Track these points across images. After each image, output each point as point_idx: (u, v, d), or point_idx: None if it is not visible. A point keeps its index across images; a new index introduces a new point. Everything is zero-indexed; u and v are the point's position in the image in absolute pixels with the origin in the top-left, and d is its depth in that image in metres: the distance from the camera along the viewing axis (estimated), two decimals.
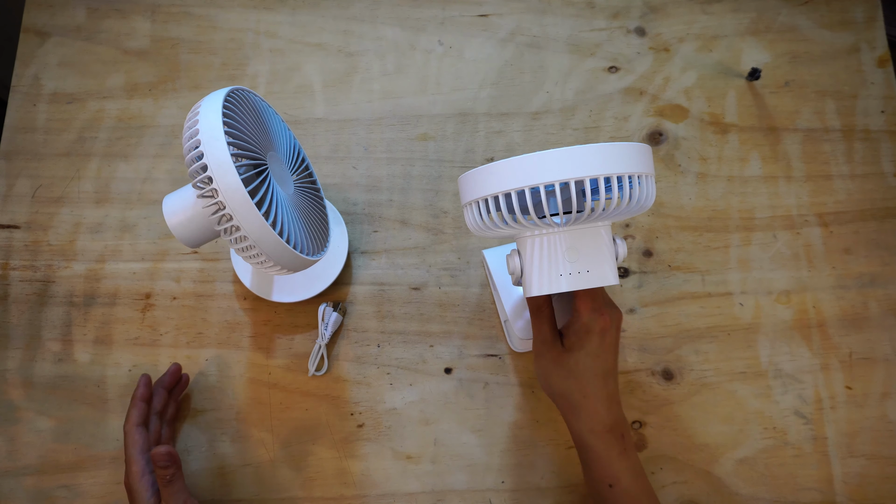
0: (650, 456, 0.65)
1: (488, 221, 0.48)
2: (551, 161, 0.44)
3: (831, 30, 0.79)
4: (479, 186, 0.47)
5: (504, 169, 0.45)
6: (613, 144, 0.45)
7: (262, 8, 0.80)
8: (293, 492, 0.64)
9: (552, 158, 0.44)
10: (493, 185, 0.46)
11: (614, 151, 0.44)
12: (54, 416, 0.66)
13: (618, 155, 0.45)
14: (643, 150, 0.47)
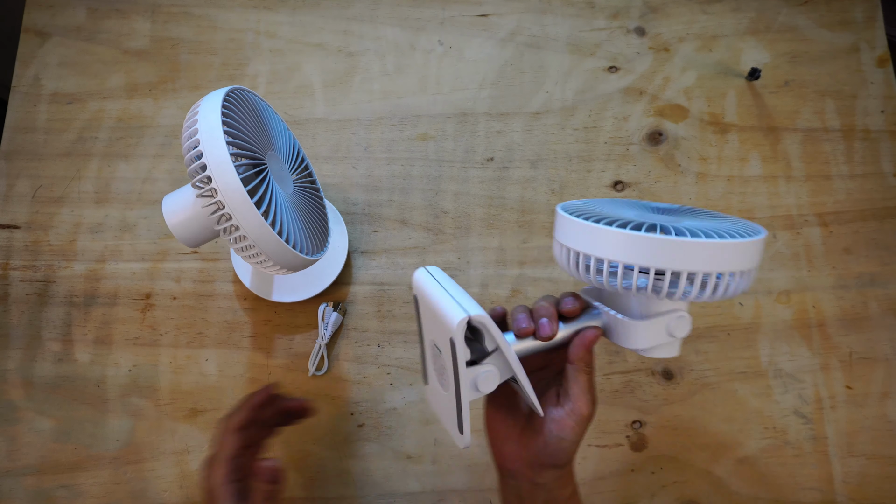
0: (650, 456, 0.65)
1: (580, 272, 0.46)
2: (651, 245, 0.41)
3: (831, 29, 0.79)
4: (574, 238, 0.45)
5: (600, 236, 0.43)
6: (722, 244, 0.41)
7: (262, 8, 0.80)
8: (293, 492, 0.64)
9: (654, 245, 0.41)
10: (587, 244, 0.44)
11: (720, 250, 0.41)
12: (54, 416, 0.66)
13: (724, 252, 0.41)
14: (753, 248, 0.43)
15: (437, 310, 0.43)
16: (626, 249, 0.42)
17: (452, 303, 0.43)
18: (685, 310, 0.46)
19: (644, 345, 0.46)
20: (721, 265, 0.41)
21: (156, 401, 0.67)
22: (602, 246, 0.43)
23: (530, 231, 0.72)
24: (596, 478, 0.65)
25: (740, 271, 0.42)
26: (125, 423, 0.66)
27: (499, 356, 0.45)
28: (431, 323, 0.46)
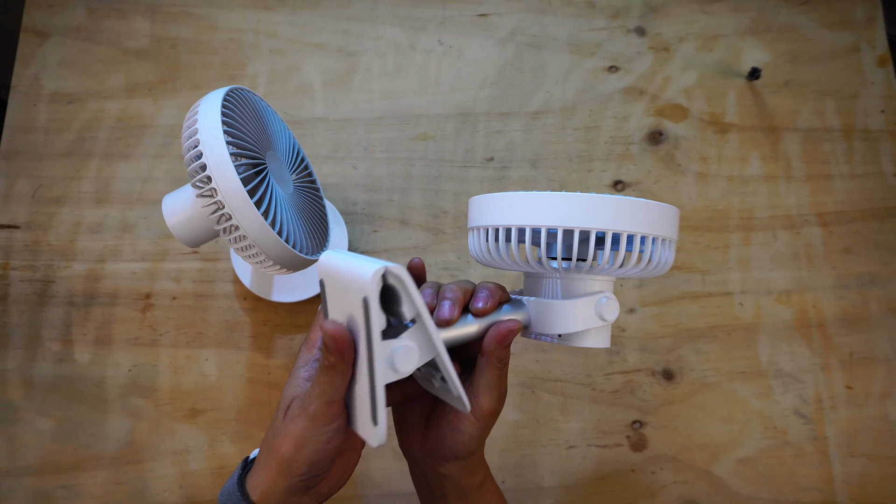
0: (650, 456, 0.65)
1: (492, 251, 0.45)
2: (565, 204, 0.41)
3: (831, 29, 0.79)
4: (488, 214, 0.44)
5: (515, 202, 0.43)
6: (636, 201, 0.41)
7: (262, 8, 0.80)
8: None
9: (567, 202, 0.41)
10: (502, 216, 0.43)
11: (634, 208, 0.41)
12: (54, 417, 0.66)
13: (638, 212, 0.41)
14: (668, 212, 0.43)
15: (348, 274, 0.38)
16: (538, 211, 0.41)
17: (365, 261, 0.38)
18: (611, 290, 0.45)
19: (573, 327, 0.44)
20: (633, 224, 0.41)
21: (155, 401, 0.67)
22: (515, 213, 0.42)
23: None
24: (596, 478, 0.65)
25: (656, 236, 0.42)
26: (125, 423, 0.66)
27: (419, 331, 0.39)
28: (342, 296, 0.40)
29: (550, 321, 0.44)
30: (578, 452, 0.66)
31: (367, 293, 0.36)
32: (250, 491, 0.42)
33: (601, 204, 0.41)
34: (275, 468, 0.41)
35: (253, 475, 0.43)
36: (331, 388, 0.39)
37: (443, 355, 0.40)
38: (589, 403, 0.67)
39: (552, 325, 0.44)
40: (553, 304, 0.44)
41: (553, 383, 0.67)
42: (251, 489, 0.42)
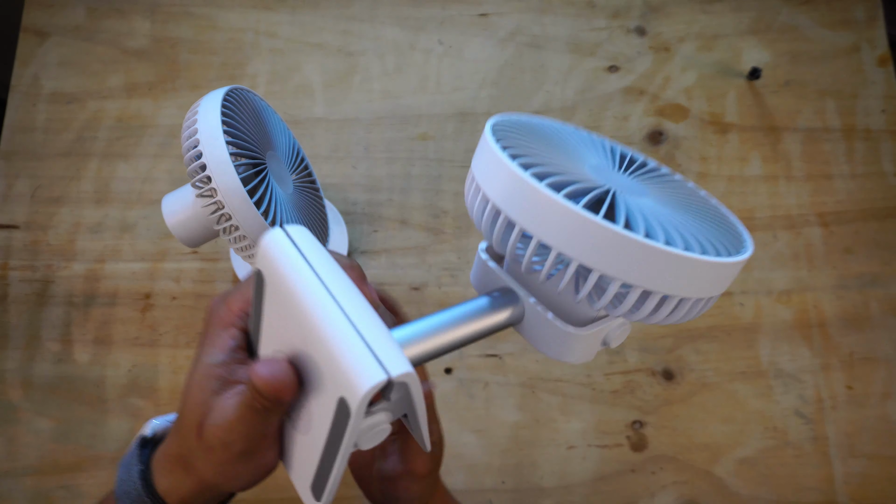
0: (650, 456, 0.65)
1: (496, 238, 0.33)
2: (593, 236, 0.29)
3: (832, 29, 0.79)
4: (506, 194, 0.31)
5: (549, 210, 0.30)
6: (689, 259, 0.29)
7: (261, 8, 0.80)
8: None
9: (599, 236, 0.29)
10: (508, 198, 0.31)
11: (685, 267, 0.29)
12: (53, 417, 0.66)
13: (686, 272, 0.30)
14: (729, 270, 0.31)
15: (323, 341, 0.28)
16: (565, 233, 0.29)
17: (355, 339, 0.27)
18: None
19: (574, 359, 0.36)
20: (692, 288, 0.30)
21: (155, 401, 0.67)
22: (534, 215, 0.30)
23: None
24: (596, 478, 0.65)
25: (710, 297, 0.32)
26: (125, 423, 0.66)
27: (401, 400, 0.31)
28: (293, 326, 0.29)
29: (548, 344, 0.36)
30: (578, 453, 0.65)
31: (351, 405, 0.27)
32: (164, 494, 0.33)
33: (656, 259, 0.29)
34: (196, 484, 0.33)
35: (164, 476, 0.34)
36: (264, 426, 0.31)
37: (420, 416, 0.32)
38: (589, 403, 0.67)
39: (549, 348, 0.36)
40: (559, 329, 0.35)
41: (553, 383, 0.67)
42: (165, 493, 0.34)
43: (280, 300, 0.30)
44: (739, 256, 0.31)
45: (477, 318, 0.35)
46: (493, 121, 0.35)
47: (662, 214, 0.32)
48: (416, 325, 0.34)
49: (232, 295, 0.33)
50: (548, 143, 0.36)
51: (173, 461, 0.33)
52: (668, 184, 0.38)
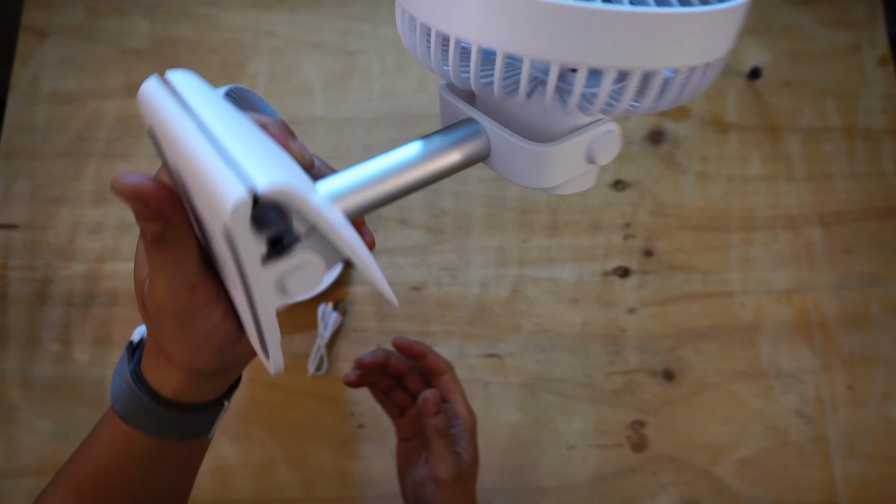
0: (651, 456, 0.65)
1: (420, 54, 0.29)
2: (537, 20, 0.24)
3: (832, 29, 0.79)
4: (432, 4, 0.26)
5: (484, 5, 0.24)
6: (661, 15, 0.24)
7: (261, 7, 0.80)
8: (293, 492, 0.64)
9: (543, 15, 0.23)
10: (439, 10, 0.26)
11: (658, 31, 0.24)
12: (53, 417, 0.66)
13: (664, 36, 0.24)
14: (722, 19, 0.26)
15: (196, 170, 0.24)
16: (501, 27, 0.24)
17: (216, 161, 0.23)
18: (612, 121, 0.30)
19: (551, 182, 0.30)
20: (676, 55, 0.25)
21: None
22: (463, 16, 0.25)
23: (530, 231, 0.72)
24: (596, 478, 0.65)
25: (706, 63, 0.26)
26: None
27: (318, 240, 0.27)
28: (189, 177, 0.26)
29: (522, 169, 0.30)
30: (579, 453, 0.65)
31: (229, 226, 0.23)
32: (157, 387, 0.32)
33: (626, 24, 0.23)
34: (179, 369, 0.32)
35: (151, 371, 0.33)
36: (178, 269, 0.29)
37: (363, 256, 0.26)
38: (589, 404, 0.67)
39: (523, 174, 0.30)
40: (528, 150, 0.29)
41: (553, 383, 0.67)
42: (157, 386, 0.32)
43: (169, 148, 0.27)
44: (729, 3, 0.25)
45: (429, 159, 0.30)
46: None
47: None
48: (356, 171, 0.29)
49: (158, 173, 0.31)
50: None
51: (153, 355, 0.32)
52: None
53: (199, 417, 0.34)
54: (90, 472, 0.35)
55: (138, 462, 0.34)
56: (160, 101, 0.26)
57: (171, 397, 0.32)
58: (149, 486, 0.35)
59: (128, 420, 0.33)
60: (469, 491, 0.49)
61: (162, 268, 0.28)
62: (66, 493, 0.35)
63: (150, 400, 0.32)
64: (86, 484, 0.35)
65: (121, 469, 0.34)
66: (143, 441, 0.33)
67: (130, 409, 0.33)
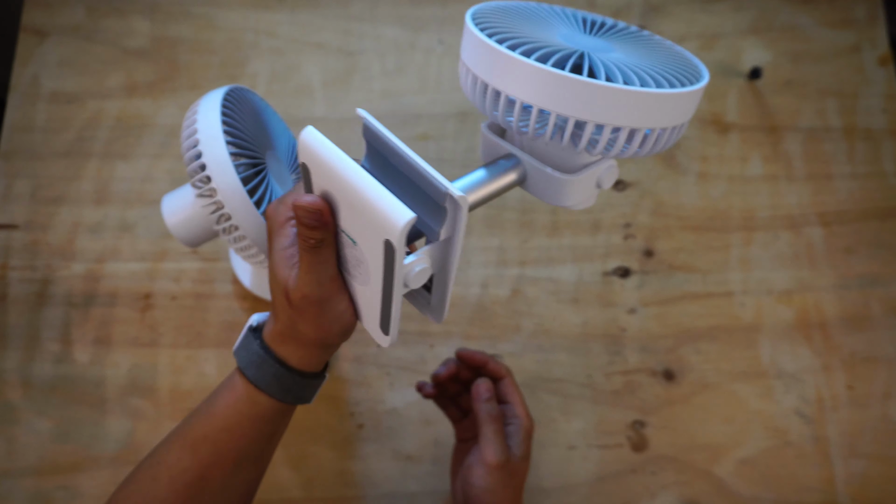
0: (651, 456, 0.65)
1: (477, 99, 0.39)
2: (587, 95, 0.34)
3: (833, 28, 0.79)
4: (476, 56, 0.38)
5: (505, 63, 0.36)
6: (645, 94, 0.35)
7: (261, 7, 0.80)
8: (293, 492, 0.64)
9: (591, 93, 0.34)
10: (489, 70, 0.37)
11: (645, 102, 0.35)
12: (53, 417, 0.66)
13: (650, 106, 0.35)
14: (689, 99, 0.37)
15: (363, 196, 0.34)
16: (540, 90, 0.35)
17: (382, 192, 0.34)
18: (612, 159, 0.41)
19: (571, 202, 0.41)
20: (653, 119, 0.35)
21: (155, 401, 0.66)
22: (512, 79, 0.36)
23: (530, 231, 0.72)
24: (596, 478, 0.65)
25: (673, 126, 0.37)
26: (124, 423, 0.66)
27: (438, 247, 0.37)
28: (347, 208, 0.36)
29: (549, 191, 0.41)
30: (579, 453, 0.65)
31: (392, 239, 0.33)
32: (286, 358, 0.41)
33: (618, 98, 0.34)
34: (308, 345, 0.41)
35: (279, 347, 0.41)
36: (325, 266, 0.38)
37: (452, 271, 0.38)
38: (589, 404, 0.67)
39: (550, 195, 0.41)
40: (555, 178, 0.40)
41: (553, 383, 0.67)
42: (286, 357, 0.41)
43: (324, 180, 0.36)
44: (699, 84, 0.38)
45: (495, 178, 0.41)
46: (473, 9, 0.40)
47: (629, 62, 0.37)
48: (458, 184, 0.40)
49: (287, 196, 0.40)
50: (522, 20, 0.41)
51: (281, 337, 0.40)
52: (633, 38, 0.44)
53: (311, 384, 0.42)
54: (208, 429, 0.42)
55: (254, 420, 0.41)
56: (323, 145, 0.36)
57: (297, 366, 0.41)
58: (253, 445, 0.42)
59: (258, 384, 0.40)
60: (516, 486, 0.51)
61: (315, 266, 0.37)
62: (181, 447, 0.42)
63: (280, 367, 0.40)
64: (202, 441, 0.41)
65: (238, 426, 0.41)
66: (265, 402, 0.41)
67: (261, 375, 0.41)
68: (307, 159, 0.37)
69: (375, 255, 0.35)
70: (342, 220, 0.37)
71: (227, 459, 0.42)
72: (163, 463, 0.42)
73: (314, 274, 0.38)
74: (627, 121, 0.35)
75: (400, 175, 0.37)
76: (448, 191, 0.34)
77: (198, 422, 0.42)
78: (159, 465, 0.42)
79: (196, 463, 0.41)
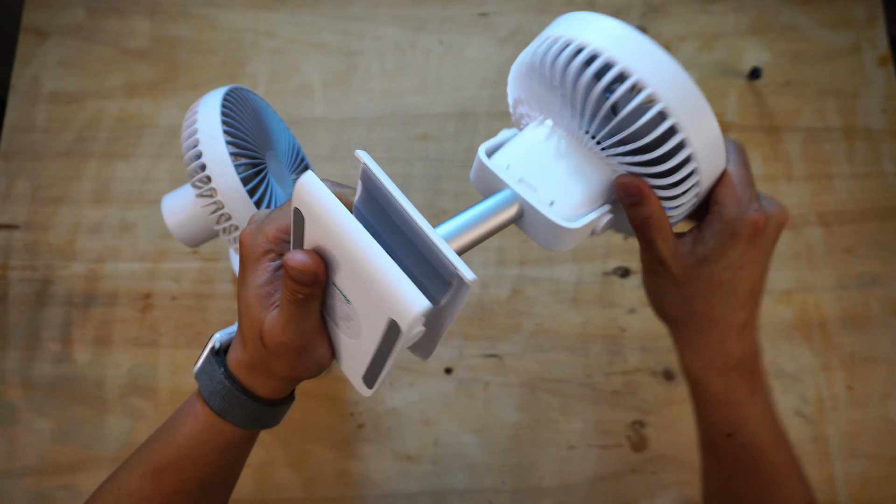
0: (650, 456, 0.65)
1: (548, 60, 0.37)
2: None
3: (832, 29, 0.79)
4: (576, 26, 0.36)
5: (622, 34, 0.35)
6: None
7: (261, 7, 0.80)
8: (293, 492, 0.64)
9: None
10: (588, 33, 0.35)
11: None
12: (53, 417, 0.66)
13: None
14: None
15: (371, 272, 0.32)
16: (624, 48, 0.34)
17: (393, 269, 0.32)
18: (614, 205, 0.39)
19: (565, 248, 0.39)
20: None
21: (155, 401, 0.67)
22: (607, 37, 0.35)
23: None
24: (596, 478, 0.65)
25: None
26: (124, 423, 0.66)
27: (436, 314, 0.35)
28: (346, 270, 0.34)
29: (545, 237, 0.39)
30: (579, 453, 0.65)
31: (402, 325, 0.32)
32: (253, 389, 0.39)
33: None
34: (279, 379, 0.39)
35: (246, 377, 0.39)
36: (309, 318, 0.36)
37: (444, 329, 0.36)
38: (589, 404, 0.67)
39: (546, 241, 0.39)
40: (556, 226, 0.37)
41: (553, 383, 0.67)
42: (254, 388, 0.39)
43: (321, 234, 0.34)
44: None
45: (491, 217, 0.38)
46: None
47: None
48: (449, 225, 0.38)
49: (266, 224, 0.37)
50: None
51: (249, 367, 0.38)
52: None
53: (280, 410, 0.41)
54: (171, 458, 0.40)
55: (218, 450, 0.40)
56: (323, 199, 0.33)
57: (266, 395, 0.39)
58: (218, 471, 0.41)
59: (225, 415, 0.39)
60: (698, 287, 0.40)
61: (297, 317, 0.35)
62: (142, 475, 0.40)
63: (248, 398, 0.39)
64: (165, 468, 0.40)
65: (202, 456, 0.40)
66: (231, 431, 0.39)
67: (227, 406, 0.39)
68: (303, 208, 0.34)
69: (373, 324, 0.34)
70: (337, 278, 0.35)
71: (192, 487, 0.40)
72: (124, 489, 0.40)
73: (296, 324, 0.35)
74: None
75: (399, 232, 0.34)
76: (457, 271, 0.32)
77: (160, 449, 0.40)
78: (120, 491, 0.40)
79: (159, 491, 0.40)
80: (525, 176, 0.39)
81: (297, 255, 0.33)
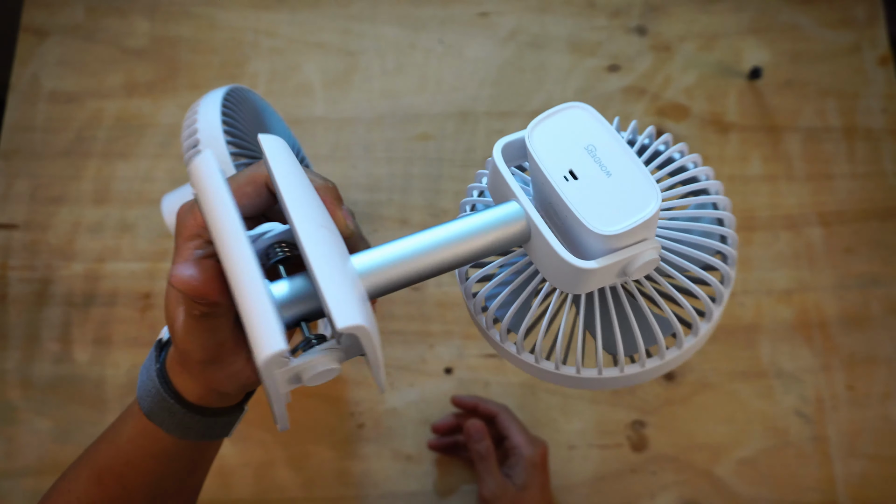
0: (651, 456, 0.65)
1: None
2: None
3: (832, 28, 0.79)
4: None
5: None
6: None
7: (261, 7, 0.80)
8: (293, 492, 0.64)
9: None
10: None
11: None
12: (53, 417, 0.66)
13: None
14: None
15: (239, 297, 0.26)
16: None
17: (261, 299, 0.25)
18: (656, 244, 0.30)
19: (587, 290, 0.32)
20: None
21: None
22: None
23: None
24: (596, 478, 0.65)
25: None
26: None
27: (345, 345, 0.30)
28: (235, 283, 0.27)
29: (555, 275, 0.32)
30: (579, 453, 0.65)
31: (259, 364, 0.25)
32: (181, 391, 0.34)
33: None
34: (200, 386, 0.33)
35: (176, 377, 0.34)
36: (212, 334, 0.30)
37: (377, 355, 0.29)
38: (589, 403, 0.67)
39: (557, 280, 0.32)
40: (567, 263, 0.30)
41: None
42: (182, 390, 0.34)
43: (212, 231, 0.27)
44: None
45: (463, 240, 0.31)
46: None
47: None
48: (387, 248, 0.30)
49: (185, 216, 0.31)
50: None
51: (178, 366, 0.34)
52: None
53: (220, 422, 0.35)
54: (112, 461, 0.36)
55: (157, 458, 0.35)
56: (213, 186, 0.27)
57: (195, 402, 0.33)
58: (165, 481, 0.36)
59: (152, 418, 0.34)
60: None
61: (198, 331, 0.30)
62: (88, 478, 0.36)
63: (174, 402, 0.33)
64: (107, 473, 0.36)
65: (141, 462, 0.35)
66: (164, 438, 0.34)
67: (155, 408, 0.34)
68: (198, 195, 0.28)
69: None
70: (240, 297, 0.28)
71: (137, 494, 0.36)
72: (72, 492, 0.36)
73: (198, 338, 0.30)
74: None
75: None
76: (337, 326, 0.25)
77: (103, 449, 0.37)
78: (69, 493, 0.37)
79: (104, 496, 0.36)
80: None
81: (185, 269, 0.28)
